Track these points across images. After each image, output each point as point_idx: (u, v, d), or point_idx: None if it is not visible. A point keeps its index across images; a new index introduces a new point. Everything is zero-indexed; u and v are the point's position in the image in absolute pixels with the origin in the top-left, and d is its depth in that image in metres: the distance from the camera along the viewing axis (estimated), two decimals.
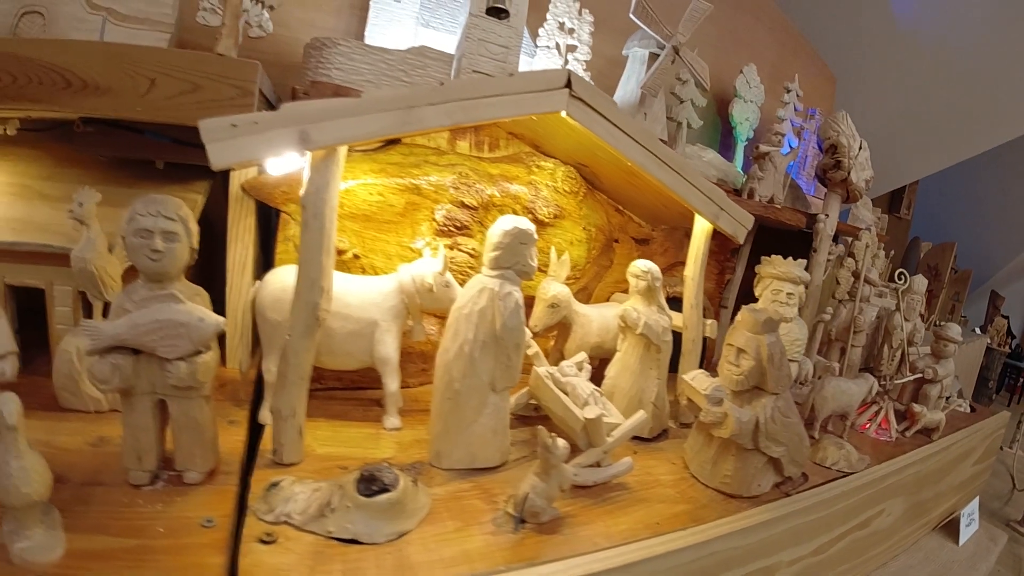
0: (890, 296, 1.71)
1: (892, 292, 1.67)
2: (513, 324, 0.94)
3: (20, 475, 0.69)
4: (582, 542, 0.90)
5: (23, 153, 1.27)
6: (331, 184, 0.89)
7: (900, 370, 1.58)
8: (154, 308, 0.81)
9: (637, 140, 1.08)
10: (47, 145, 1.30)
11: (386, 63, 1.25)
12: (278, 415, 0.94)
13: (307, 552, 0.79)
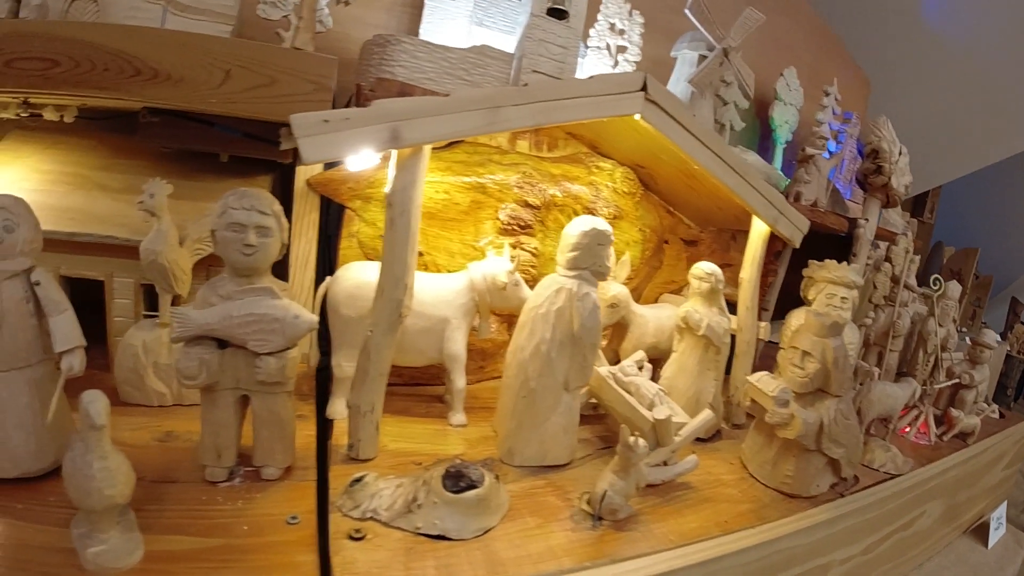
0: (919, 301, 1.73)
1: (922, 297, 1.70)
2: (591, 324, 0.95)
3: (103, 476, 0.67)
4: (658, 539, 0.91)
5: (76, 142, 1.26)
6: (417, 182, 0.89)
7: (933, 375, 1.61)
8: (249, 301, 0.81)
9: (706, 144, 1.09)
10: (100, 135, 1.29)
11: (448, 61, 1.25)
12: (356, 410, 0.95)
13: (398, 548, 0.79)
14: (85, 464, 0.66)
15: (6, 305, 0.79)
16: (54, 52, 0.95)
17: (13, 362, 0.80)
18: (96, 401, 0.66)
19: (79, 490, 0.67)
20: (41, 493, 0.80)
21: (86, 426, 0.66)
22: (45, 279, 0.82)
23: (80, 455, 0.66)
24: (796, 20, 1.83)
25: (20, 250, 0.80)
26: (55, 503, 0.78)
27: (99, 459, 0.66)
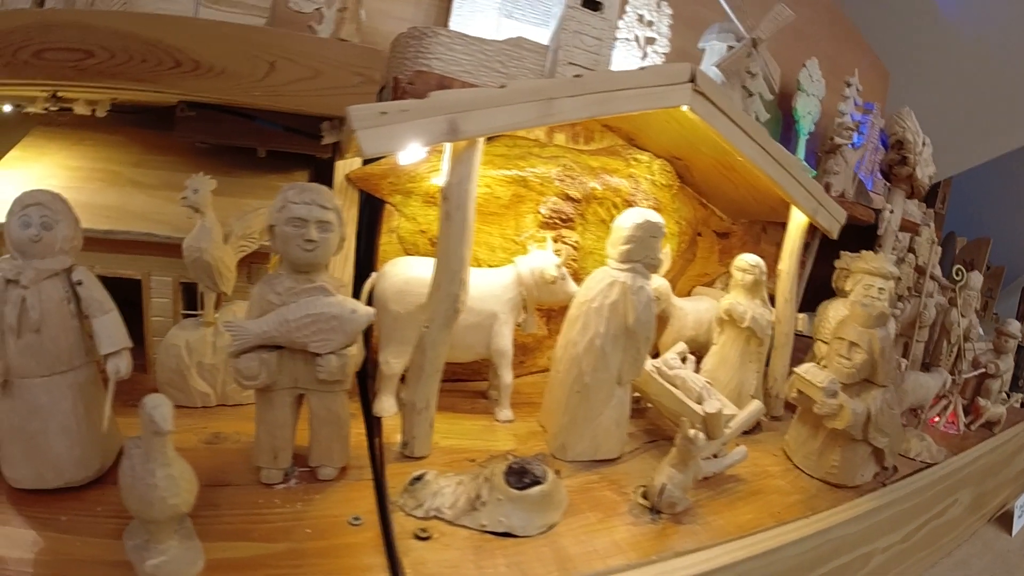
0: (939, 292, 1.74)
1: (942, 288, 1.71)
2: (646, 318, 0.95)
3: (167, 485, 0.63)
4: (717, 532, 0.91)
5: (105, 138, 1.23)
6: (473, 175, 0.88)
7: (956, 365, 1.62)
8: (303, 302, 0.79)
9: (751, 135, 1.09)
10: (129, 130, 1.26)
11: (484, 54, 1.23)
12: (412, 408, 0.93)
13: (466, 547, 0.78)
14: (147, 472, 0.63)
15: (46, 306, 0.76)
16: (87, 42, 0.92)
17: (55, 366, 0.77)
18: (160, 406, 0.63)
19: (140, 500, 0.63)
20: (87, 503, 0.78)
21: (149, 432, 0.62)
22: (87, 278, 0.79)
23: (140, 463, 0.63)
24: (816, 10, 1.83)
25: (60, 248, 0.77)
26: (103, 513, 0.75)
27: (162, 467, 0.63)
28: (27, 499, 0.77)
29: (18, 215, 0.75)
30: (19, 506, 0.75)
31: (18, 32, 0.91)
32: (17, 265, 0.75)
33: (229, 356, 0.78)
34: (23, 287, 0.74)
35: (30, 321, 0.74)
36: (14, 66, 0.92)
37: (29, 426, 0.76)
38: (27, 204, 0.76)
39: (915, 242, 1.61)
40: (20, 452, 0.77)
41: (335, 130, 1.06)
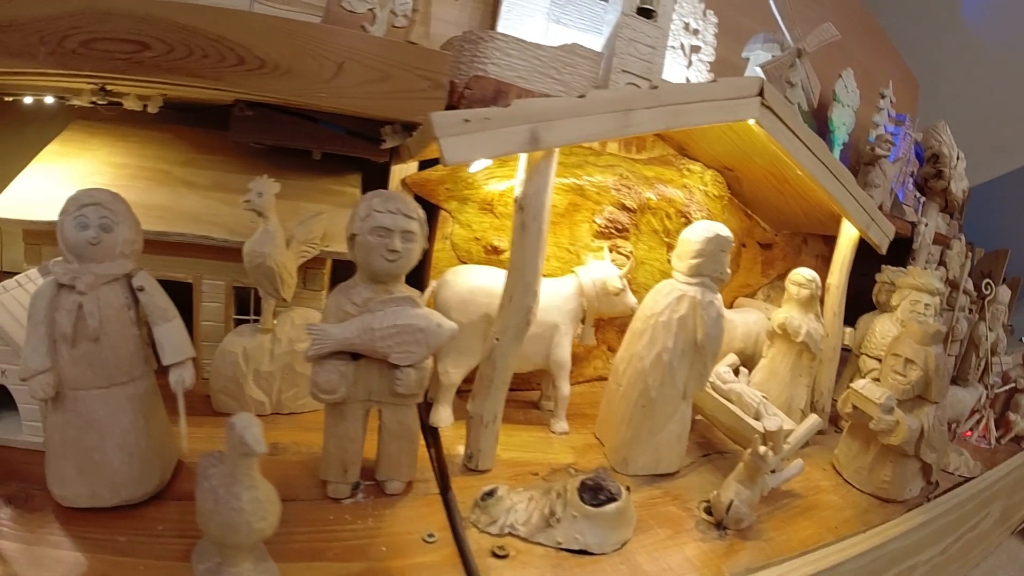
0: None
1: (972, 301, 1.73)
2: (716, 334, 0.95)
3: (253, 508, 0.60)
4: (781, 547, 0.92)
5: (150, 135, 1.20)
6: (549, 186, 0.87)
7: (983, 379, 1.65)
8: (390, 312, 0.78)
9: (812, 149, 1.09)
10: (176, 128, 1.23)
11: (539, 59, 1.22)
12: (479, 420, 0.93)
13: (544, 565, 0.78)
14: (232, 496, 0.59)
15: (105, 313, 0.72)
16: (144, 34, 0.87)
17: (114, 377, 0.73)
18: (252, 426, 0.59)
19: (225, 526, 0.60)
20: (146, 522, 0.74)
21: (238, 453, 0.59)
22: (150, 284, 0.76)
23: (224, 485, 0.60)
24: (851, 21, 1.84)
25: (119, 252, 0.73)
26: (165, 533, 0.72)
27: (248, 489, 0.59)
28: (79, 518, 0.73)
29: (74, 215, 0.71)
30: (70, 526, 0.72)
31: (65, 18, 0.86)
32: (72, 269, 0.71)
33: (308, 359, 0.77)
34: (80, 293, 0.70)
35: (88, 329, 0.71)
36: (60, 55, 0.87)
37: (84, 441, 0.73)
38: (84, 204, 0.71)
39: (946, 255, 1.63)
40: (73, 468, 0.73)
41: (397, 134, 1.04)
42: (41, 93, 1.14)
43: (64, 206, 0.71)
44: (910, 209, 1.79)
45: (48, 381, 0.70)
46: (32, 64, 0.86)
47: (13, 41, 0.84)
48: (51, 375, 0.70)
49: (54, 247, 1.02)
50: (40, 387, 0.70)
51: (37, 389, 0.70)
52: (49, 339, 0.71)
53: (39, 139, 1.39)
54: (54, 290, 0.71)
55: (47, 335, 0.70)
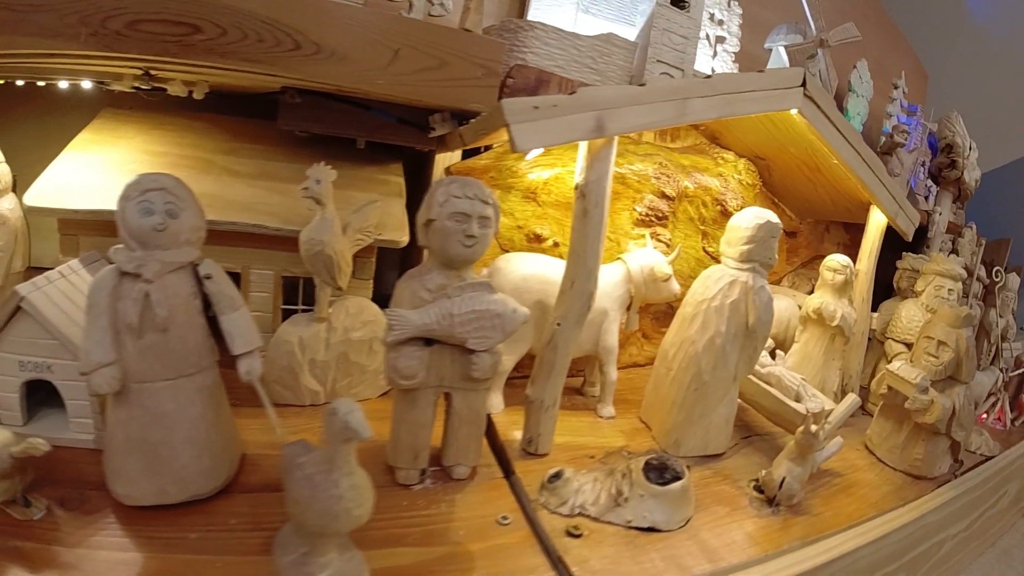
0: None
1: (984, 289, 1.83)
2: (767, 318, 1.01)
3: (353, 495, 0.61)
4: (830, 521, 0.98)
5: (187, 124, 1.21)
6: (609, 172, 0.92)
7: (994, 364, 1.75)
8: (467, 298, 0.81)
9: (848, 139, 1.16)
10: (210, 116, 1.25)
11: (577, 49, 1.27)
12: (539, 405, 0.97)
13: (618, 543, 0.83)
14: (331, 483, 0.60)
15: (173, 302, 0.71)
16: (194, 16, 0.86)
17: (182, 368, 0.73)
18: (356, 410, 0.60)
19: (324, 513, 0.60)
20: (217, 516, 0.74)
21: (339, 440, 0.59)
22: (217, 272, 0.76)
23: (322, 473, 0.60)
24: (865, 13, 1.92)
25: (186, 239, 0.73)
26: (239, 527, 0.73)
27: (346, 476, 0.60)
28: (144, 518, 0.72)
29: (137, 201, 0.69)
30: (135, 526, 0.71)
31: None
32: (137, 257, 0.69)
33: (386, 345, 0.80)
34: (146, 281, 0.69)
35: (156, 319, 0.70)
36: (104, 37, 0.84)
37: (151, 436, 0.72)
38: (148, 189, 0.70)
39: (958, 243, 1.72)
40: (138, 465, 0.72)
41: (446, 122, 1.07)
42: (78, 78, 1.13)
43: (125, 191, 0.70)
44: (922, 198, 1.89)
45: (113, 374, 0.69)
46: (72, 46, 0.84)
47: (50, 21, 0.82)
48: (116, 367, 0.69)
49: (92, 237, 1.04)
50: (105, 380, 0.68)
51: (102, 383, 0.68)
52: (112, 330, 0.69)
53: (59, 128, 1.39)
54: (116, 279, 0.70)
55: (110, 326, 0.69)
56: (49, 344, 0.81)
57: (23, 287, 0.79)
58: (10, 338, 0.81)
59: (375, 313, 1.05)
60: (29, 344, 0.81)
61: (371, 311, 1.05)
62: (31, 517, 0.70)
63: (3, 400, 0.83)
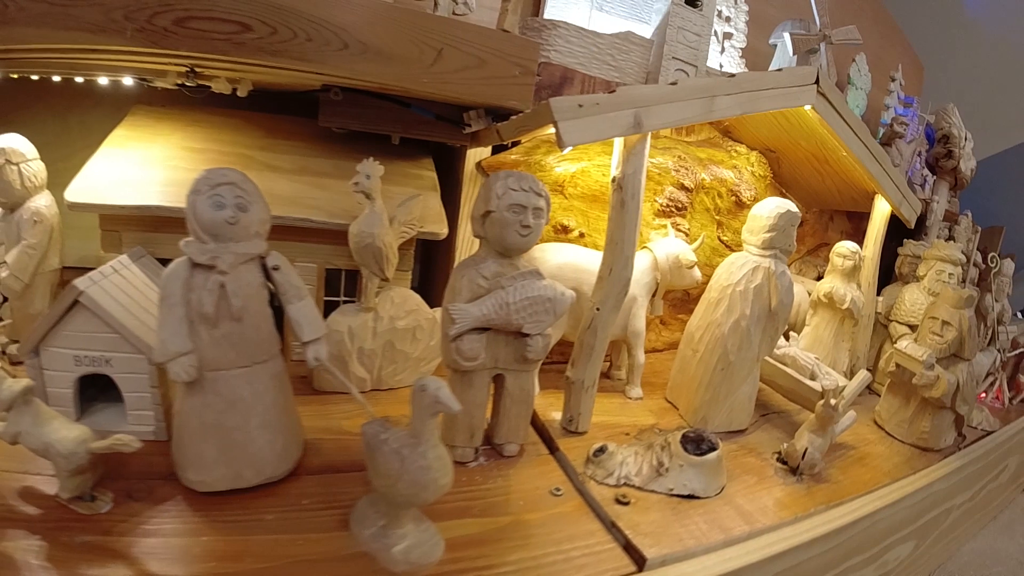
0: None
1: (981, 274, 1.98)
2: (788, 301, 1.12)
3: (439, 466, 0.68)
4: (849, 487, 1.10)
5: (220, 120, 1.28)
6: (644, 166, 1.02)
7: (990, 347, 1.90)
8: (520, 286, 0.90)
9: (857, 134, 1.28)
10: (242, 113, 1.32)
11: (597, 47, 1.37)
12: (579, 386, 1.07)
13: (663, 508, 0.93)
14: (419, 455, 0.67)
15: (247, 292, 0.77)
16: (243, 14, 0.90)
17: (256, 356, 0.80)
18: (443, 387, 0.67)
19: (414, 484, 0.67)
20: (289, 498, 0.81)
21: (428, 414, 0.67)
22: (284, 263, 0.82)
23: (408, 447, 0.68)
24: (862, 7, 2.06)
25: (255, 231, 0.79)
26: (312, 506, 0.80)
27: (432, 448, 0.68)
28: (216, 502, 0.77)
29: (207, 195, 0.74)
30: (209, 511, 0.76)
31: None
32: (210, 249, 0.75)
33: (449, 337, 0.88)
34: (221, 272, 0.74)
35: (232, 309, 0.76)
36: (151, 33, 0.88)
37: (226, 422, 0.77)
38: (218, 183, 0.75)
39: (954, 231, 1.87)
40: (214, 451, 0.77)
41: (481, 119, 1.17)
42: (119, 74, 1.18)
43: (195, 186, 0.75)
44: (918, 187, 2.03)
45: (191, 362, 0.75)
46: (118, 42, 0.87)
47: (94, 16, 0.84)
48: (194, 356, 0.75)
49: (134, 232, 1.11)
50: (183, 369, 0.74)
51: (180, 371, 0.74)
52: (187, 320, 0.75)
53: (80, 125, 1.46)
54: (188, 271, 0.75)
55: (185, 316, 0.75)
56: (108, 338, 0.86)
57: (80, 282, 0.84)
58: (64, 333, 0.86)
59: (418, 303, 1.14)
60: (86, 339, 0.86)
61: (414, 300, 1.14)
62: (98, 511, 0.74)
63: (56, 396, 0.87)
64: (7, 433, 0.74)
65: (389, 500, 0.72)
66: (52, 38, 0.85)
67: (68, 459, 0.72)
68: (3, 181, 1.06)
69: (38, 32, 0.85)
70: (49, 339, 0.86)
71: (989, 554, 1.53)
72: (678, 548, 0.83)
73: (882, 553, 1.15)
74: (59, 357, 0.86)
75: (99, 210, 1.05)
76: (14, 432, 0.74)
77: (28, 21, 0.84)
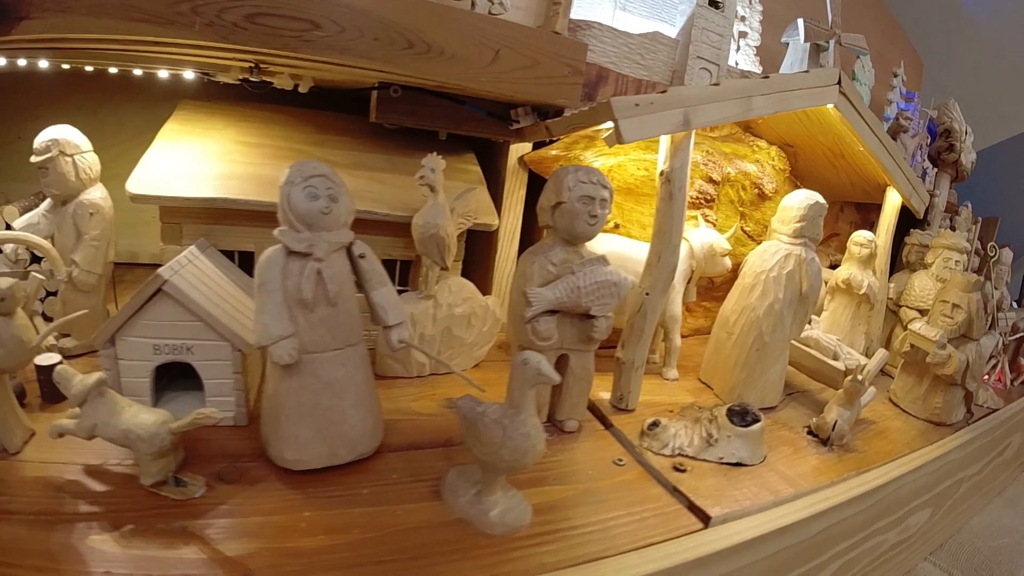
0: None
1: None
2: (818, 285, 1.28)
3: (536, 433, 0.79)
4: (874, 456, 1.26)
5: (268, 116, 1.39)
6: (689, 161, 1.17)
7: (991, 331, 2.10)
8: (588, 271, 1.03)
9: (873, 129, 1.45)
10: (288, 109, 1.43)
11: (628, 47, 1.51)
12: (630, 366, 1.21)
13: (716, 475, 1.07)
14: (520, 423, 0.77)
15: (340, 278, 0.87)
16: (313, 12, 0.97)
17: (349, 338, 0.89)
18: (543, 360, 0.78)
19: (516, 450, 0.77)
20: (379, 473, 0.90)
21: (530, 385, 0.78)
22: (368, 251, 0.93)
23: (508, 417, 0.78)
24: (866, 4, 2.26)
25: (344, 221, 0.88)
26: (401, 480, 0.90)
27: (531, 417, 0.79)
28: (312, 480, 0.85)
29: (301, 186, 0.83)
30: (306, 489, 0.83)
31: None
32: (306, 238, 0.83)
33: (526, 319, 1.01)
34: (317, 260, 0.84)
35: (328, 294, 0.85)
36: (220, 28, 0.93)
37: (322, 402, 0.85)
38: (310, 175, 0.83)
39: (955, 221, 2.07)
40: (310, 431, 0.85)
41: (528, 116, 1.30)
42: (180, 68, 1.27)
43: (289, 177, 0.83)
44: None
45: (293, 345, 0.83)
46: (185, 35, 0.92)
47: (159, 8, 0.89)
48: (295, 339, 0.83)
49: (195, 224, 1.21)
50: (286, 351, 0.82)
51: (283, 354, 0.82)
52: (285, 305, 0.83)
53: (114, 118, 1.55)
54: (285, 258, 0.84)
55: (284, 302, 0.83)
56: (190, 326, 0.93)
57: (164, 271, 0.91)
58: (144, 322, 0.92)
59: (472, 290, 1.27)
60: (167, 327, 0.92)
61: (469, 288, 1.26)
62: (192, 495, 0.79)
63: (131, 386, 0.94)
64: (82, 428, 0.80)
65: (491, 467, 0.82)
66: (114, 29, 0.89)
67: (150, 442, 0.78)
68: (57, 173, 1.13)
69: (99, 22, 0.88)
70: (126, 329, 0.92)
71: (996, 527, 1.72)
72: (736, 508, 0.97)
73: (904, 517, 1.32)
74: (137, 346, 0.93)
75: (162, 202, 1.12)
76: (91, 425, 0.80)
77: (88, 10, 0.88)
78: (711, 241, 1.35)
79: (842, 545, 1.14)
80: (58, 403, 1.00)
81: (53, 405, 1.00)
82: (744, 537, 0.92)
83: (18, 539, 0.70)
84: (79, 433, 0.80)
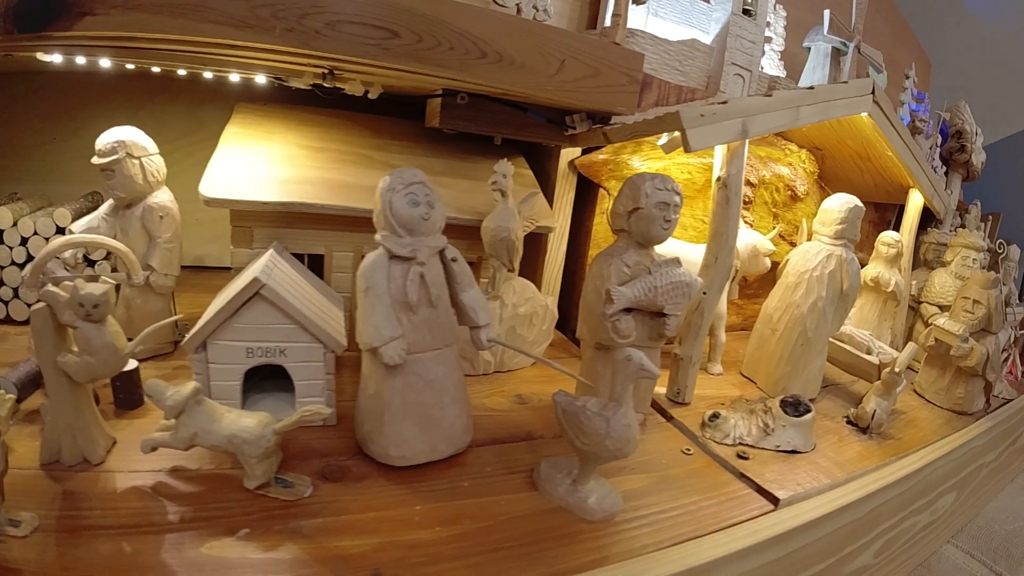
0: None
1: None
2: (857, 283, 1.44)
3: (635, 424, 0.89)
4: (909, 442, 1.43)
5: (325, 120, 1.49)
6: (743, 167, 1.32)
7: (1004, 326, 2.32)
8: (663, 272, 1.16)
9: (901, 135, 1.63)
10: (344, 113, 1.54)
11: (667, 53, 1.66)
12: (687, 361, 1.36)
13: (775, 461, 1.21)
14: (622, 415, 0.87)
15: (439, 281, 0.96)
16: (393, 21, 1.04)
17: (446, 338, 0.98)
18: (645, 356, 0.90)
19: (619, 440, 0.87)
20: (474, 467, 1.00)
21: (631, 380, 0.89)
22: (459, 255, 1.02)
23: (611, 410, 0.89)
24: (878, 8, 2.45)
25: (439, 227, 0.97)
26: (495, 472, 0.99)
27: (631, 410, 0.90)
28: (415, 475, 0.92)
29: (403, 192, 0.90)
30: (411, 483, 0.90)
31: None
32: (409, 243, 0.91)
33: (607, 317, 1.14)
34: (419, 264, 0.93)
35: (431, 296, 0.94)
36: (301, 33, 0.98)
37: (425, 399, 0.94)
38: (411, 182, 0.91)
39: (965, 219, 2.28)
40: (414, 427, 0.93)
41: (583, 122, 1.44)
42: (252, 72, 1.36)
43: (390, 183, 0.92)
44: None
45: (403, 346, 0.92)
46: (265, 39, 0.97)
47: (239, 11, 0.93)
48: (404, 340, 0.92)
49: (266, 228, 1.30)
50: (395, 352, 0.91)
51: (393, 355, 0.90)
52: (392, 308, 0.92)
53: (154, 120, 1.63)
54: (387, 262, 0.93)
55: (391, 304, 0.92)
56: (284, 328, 1.00)
57: (262, 275, 0.98)
58: (237, 326, 0.98)
59: (534, 291, 1.40)
60: (261, 330, 0.99)
61: (531, 289, 1.40)
62: (301, 495, 0.84)
63: (222, 389, 1.00)
64: (181, 439, 0.84)
65: (592, 457, 0.93)
66: (189, 30, 0.93)
67: (256, 444, 0.82)
68: (123, 175, 1.20)
69: (173, 23, 0.92)
70: (219, 332, 0.98)
71: (1011, 511, 1.93)
72: (799, 490, 1.12)
73: (935, 500, 1.50)
74: (229, 350, 0.99)
75: (237, 206, 1.20)
76: (190, 435, 0.83)
77: (159, 9, 0.91)
78: (755, 242, 1.51)
79: (885, 524, 1.31)
80: (133, 409, 1.05)
81: (128, 412, 1.05)
82: (811, 516, 1.06)
83: (123, 555, 0.70)
84: (177, 445, 0.84)
